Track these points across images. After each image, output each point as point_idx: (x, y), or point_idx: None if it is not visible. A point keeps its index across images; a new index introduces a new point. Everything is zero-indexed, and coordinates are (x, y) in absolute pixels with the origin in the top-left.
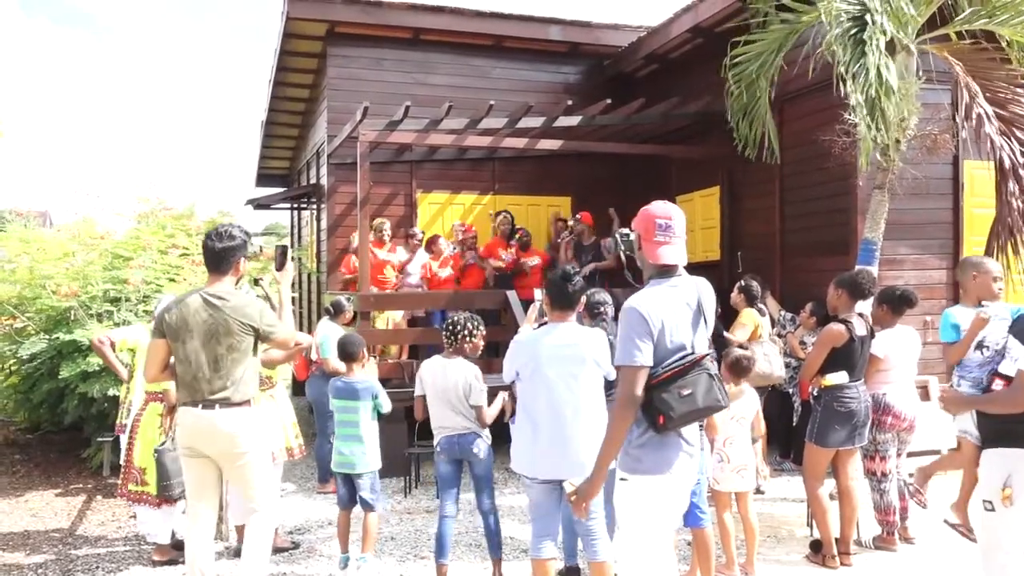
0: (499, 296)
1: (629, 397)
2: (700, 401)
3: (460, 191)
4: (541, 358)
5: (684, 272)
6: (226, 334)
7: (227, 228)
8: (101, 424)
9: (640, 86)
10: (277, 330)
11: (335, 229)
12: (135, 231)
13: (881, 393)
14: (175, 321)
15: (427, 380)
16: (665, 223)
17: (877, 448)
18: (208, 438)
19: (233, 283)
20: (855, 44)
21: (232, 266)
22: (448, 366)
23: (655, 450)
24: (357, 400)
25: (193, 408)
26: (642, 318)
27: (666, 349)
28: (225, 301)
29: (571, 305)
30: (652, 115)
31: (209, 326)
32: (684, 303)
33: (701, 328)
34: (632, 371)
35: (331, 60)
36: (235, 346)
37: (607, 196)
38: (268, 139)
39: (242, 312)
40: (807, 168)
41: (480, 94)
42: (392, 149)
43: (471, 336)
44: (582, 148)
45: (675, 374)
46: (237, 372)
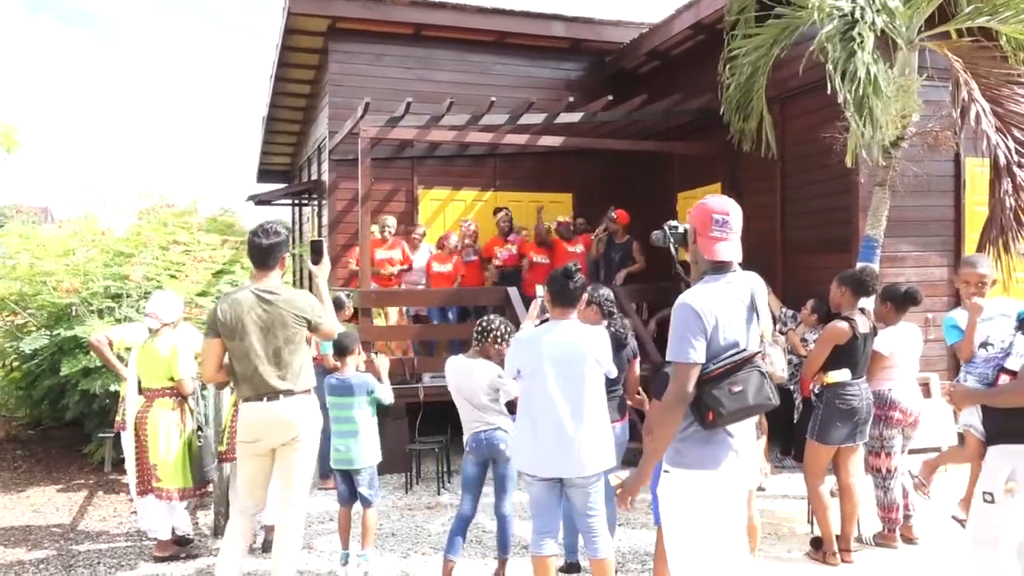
0: (500, 293)
1: (680, 394)
2: (751, 398)
3: (461, 187)
4: (542, 356)
5: (739, 268)
6: (282, 327)
7: (272, 225)
8: (102, 420)
9: (642, 82)
10: (325, 321)
11: (336, 225)
12: (136, 227)
13: (887, 389)
14: (230, 319)
15: (451, 381)
16: (722, 218)
17: (883, 444)
18: (273, 429)
19: (279, 278)
20: (844, 42)
21: (279, 261)
22: (471, 366)
23: (699, 445)
24: (352, 396)
25: (258, 402)
26: (696, 315)
27: (719, 346)
28: (277, 295)
29: (572, 302)
30: (654, 111)
31: (265, 321)
32: (738, 299)
33: (754, 325)
34: (685, 368)
35: (332, 56)
36: (291, 338)
37: (609, 192)
38: (269, 135)
39: (295, 305)
40: (809, 165)
41: (482, 90)
42: (393, 145)
43: (500, 340)
44: (584, 145)
45: (726, 371)
46: (296, 363)
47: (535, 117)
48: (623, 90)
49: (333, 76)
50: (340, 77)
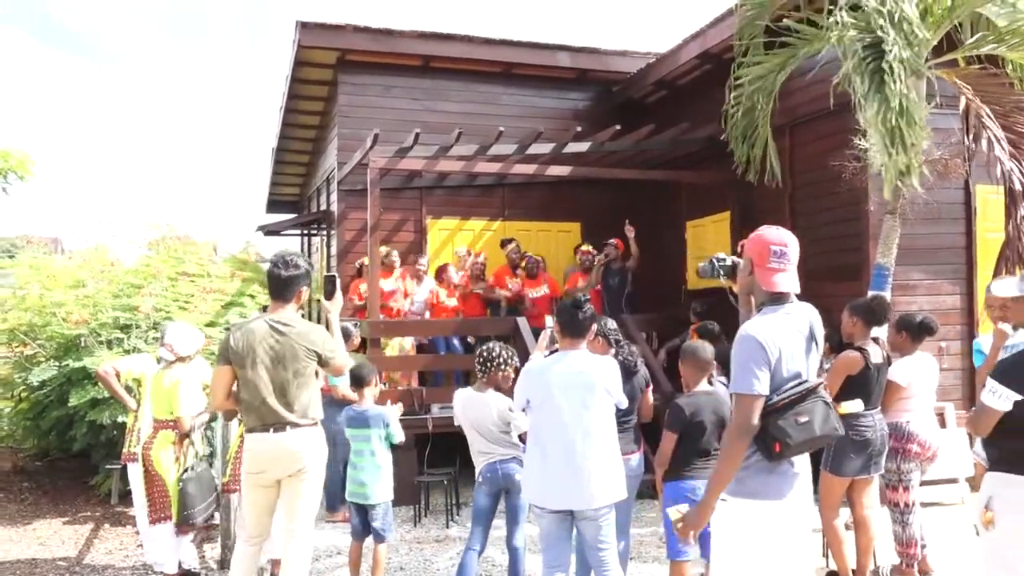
0: (508, 323)
1: (745, 426)
2: (818, 429)
3: (470, 217)
4: (552, 386)
5: (796, 299)
6: (293, 359)
7: (292, 258)
8: (110, 451)
9: (649, 112)
10: (336, 356)
11: (345, 255)
12: (146, 259)
13: (904, 422)
14: (242, 347)
15: (460, 413)
16: (780, 249)
17: (901, 478)
18: (279, 461)
19: (295, 310)
20: (872, 73)
21: (296, 294)
22: (480, 399)
23: (762, 475)
24: (369, 428)
25: (264, 433)
26: (760, 346)
27: (782, 377)
28: (291, 328)
29: (582, 333)
30: (662, 141)
31: (276, 352)
32: (797, 330)
33: (813, 355)
34: (749, 400)
35: (342, 88)
36: (301, 371)
37: (617, 222)
38: (279, 166)
39: (307, 338)
40: (818, 193)
41: (489, 120)
42: (402, 176)
43: (504, 366)
44: (592, 174)
45: (791, 402)
46: (304, 396)
47: (543, 147)
48: (630, 120)
49: (342, 107)
50: (349, 108)
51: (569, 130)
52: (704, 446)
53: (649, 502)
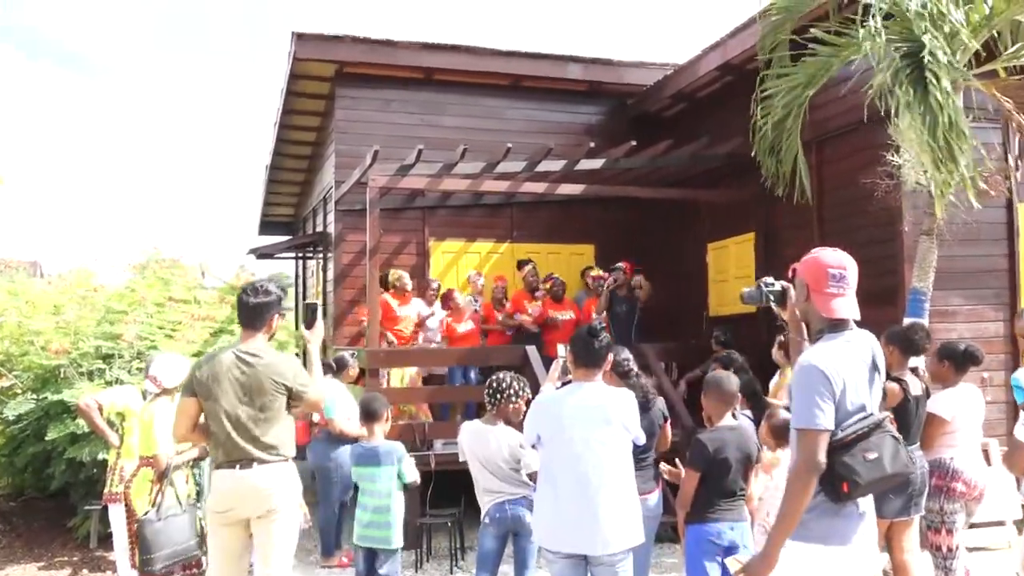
0: (517, 352)
1: (811, 464)
2: (888, 467)
3: (475, 239)
4: (564, 420)
5: (855, 326)
6: (259, 392)
7: (263, 284)
8: (89, 491)
9: (667, 127)
10: (310, 391)
11: (342, 280)
12: (130, 283)
13: (948, 458)
14: (207, 379)
15: (467, 448)
16: (839, 273)
17: (944, 520)
18: (246, 500)
19: (266, 340)
20: (913, 83)
21: (266, 323)
22: (489, 434)
23: (827, 517)
24: (379, 466)
25: (230, 470)
26: (824, 377)
27: (846, 411)
28: (259, 358)
29: (597, 363)
30: (680, 157)
31: (243, 384)
32: (860, 360)
33: (877, 386)
34: (813, 435)
35: (339, 102)
36: (268, 404)
37: (633, 243)
38: (272, 185)
39: (275, 370)
40: (848, 212)
41: (496, 136)
42: (403, 195)
43: (515, 397)
44: (606, 193)
45: (858, 437)
46: (273, 430)
47: (553, 164)
48: (646, 135)
49: (340, 123)
50: (347, 124)
51: (581, 146)
52: (729, 486)
53: (669, 546)
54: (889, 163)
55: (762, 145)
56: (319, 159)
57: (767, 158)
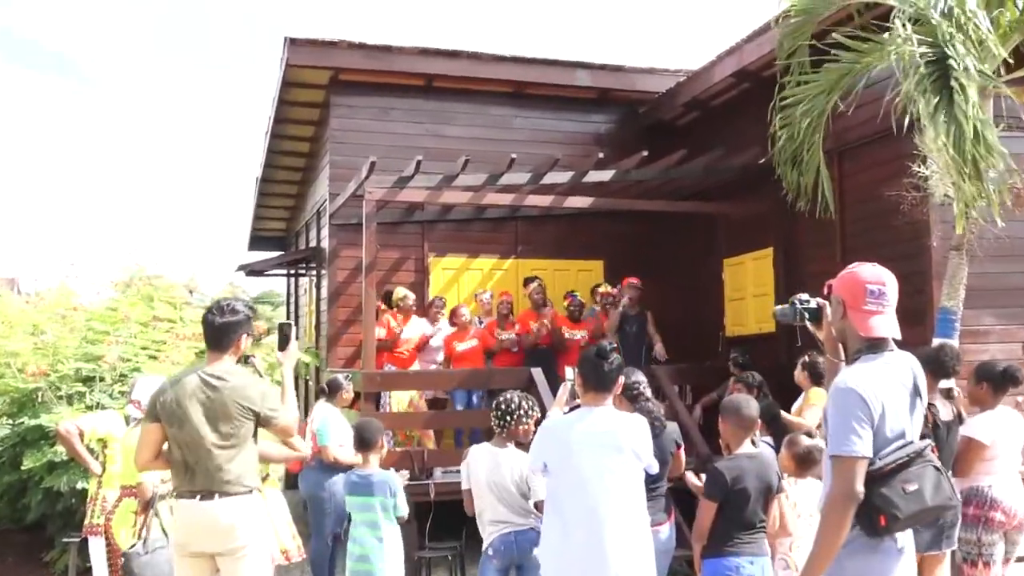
0: (521, 375)
1: (848, 494)
2: (929, 499)
3: (478, 255)
4: (572, 447)
5: (895, 347)
6: (224, 418)
7: (229, 302)
8: (68, 522)
9: (680, 136)
10: (279, 415)
11: (337, 298)
12: (113, 302)
13: (985, 486)
14: (170, 403)
15: (476, 471)
16: (877, 289)
17: (981, 552)
18: (207, 533)
19: (233, 362)
20: (937, 91)
21: (233, 343)
22: (500, 456)
23: (864, 554)
24: (373, 496)
25: (191, 500)
26: (862, 401)
27: (885, 438)
28: (224, 381)
29: (607, 386)
30: (694, 168)
31: (207, 408)
32: (900, 383)
33: (918, 412)
34: (850, 463)
35: (334, 110)
36: (234, 431)
37: (644, 259)
38: (263, 197)
39: (242, 394)
40: (873, 226)
41: (500, 146)
42: (401, 208)
43: (525, 418)
44: (616, 206)
45: (898, 467)
46: (238, 459)
47: (560, 176)
48: (659, 144)
49: (335, 132)
50: (342, 133)
51: (590, 156)
52: (748, 517)
53: None
54: (915, 174)
55: (781, 156)
56: (313, 170)
57: (787, 169)
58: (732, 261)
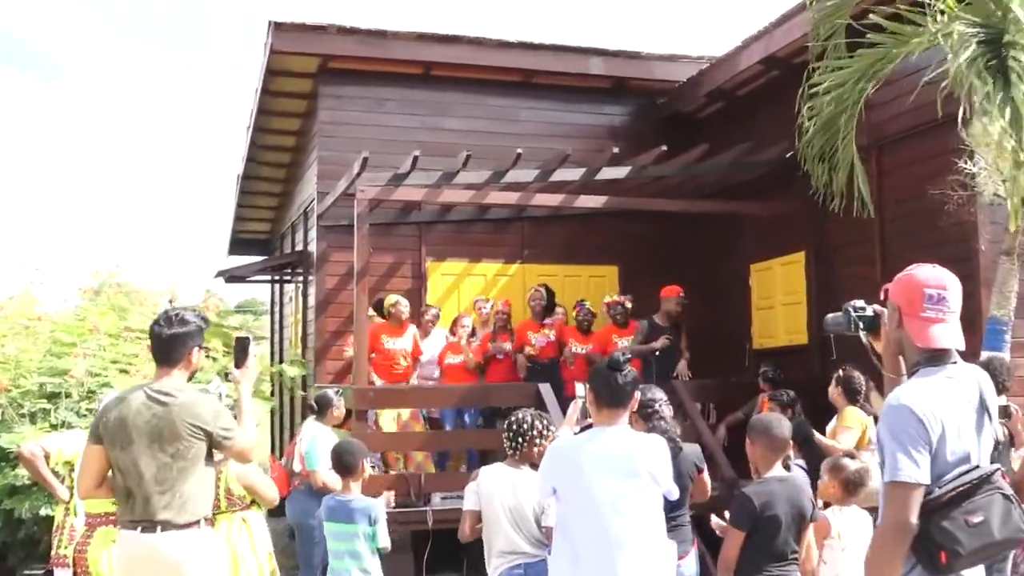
0: (527, 391)
1: (902, 525)
2: (997, 532)
3: (480, 259)
4: (584, 471)
5: (959, 358)
6: (172, 439)
7: (179, 312)
8: (30, 552)
9: (702, 129)
10: (234, 437)
11: (326, 306)
12: (81, 310)
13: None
14: (113, 423)
15: (489, 494)
16: (937, 293)
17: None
18: (150, 569)
19: (184, 378)
20: (993, 72)
21: (184, 357)
22: (518, 479)
23: None
24: (353, 523)
25: (133, 531)
26: (917, 420)
27: (946, 462)
28: (172, 398)
29: (621, 402)
30: (718, 164)
31: (152, 428)
32: (965, 399)
33: (986, 432)
34: (905, 490)
35: (323, 101)
36: (182, 453)
37: (663, 264)
38: (245, 197)
39: (191, 412)
40: (915, 227)
41: (505, 140)
42: (397, 208)
43: (540, 439)
44: (632, 205)
45: (960, 495)
46: (185, 486)
47: (571, 172)
48: (679, 138)
49: (324, 125)
50: (332, 127)
51: (603, 152)
52: (780, 547)
53: None
54: (962, 171)
55: (809, 150)
56: (299, 167)
57: (815, 165)
58: (760, 266)
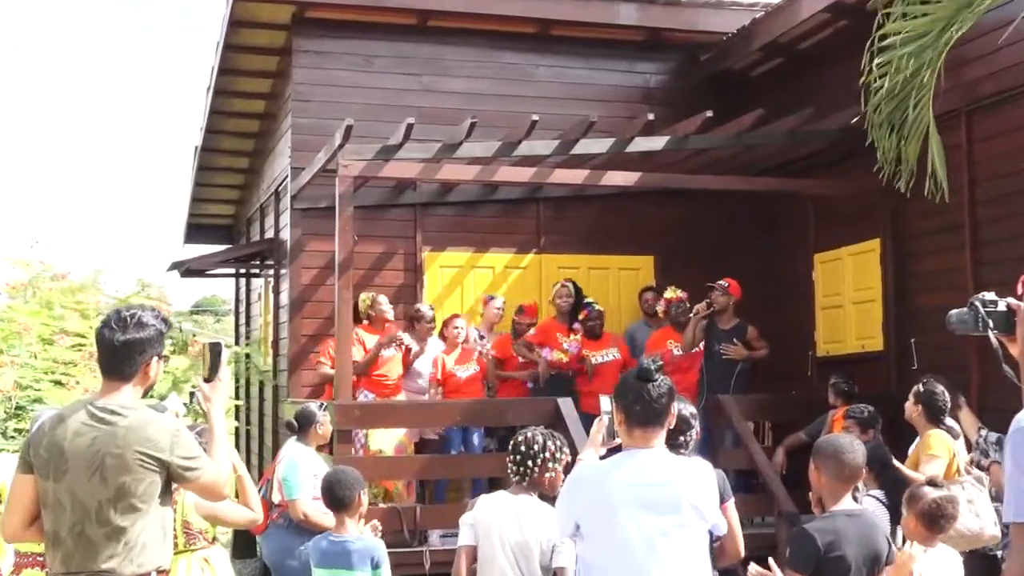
0: (544, 407)
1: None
2: None
3: (487, 248)
4: (614, 503)
5: None
6: (119, 468)
7: (134, 312)
8: None
9: (755, 91)
10: (200, 468)
11: (301, 305)
12: (8, 310)
13: None
14: (47, 447)
15: (487, 527)
16: None
17: None
18: None
19: (138, 394)
20: None
21: (139, 368)
22: (523, 511)
23: None
24: (352, 569)
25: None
26: None
27: None
28: (120, 418)
29: (656, 419)
30: (775, 133)
31: (93, 455)
32: None
33: None
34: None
35: (298, 58)
36: (130, 488)
37: (708, 253)
38: (204, 174)
39: (143, 436)
40: (1015, 210)
41: (518, 105)
42: (387, 188)
43: (553, 462)
44: (670, 183)
45: None
46: (134, 529)
47: (597, 144)
48: (727, 102)
49: (299, 87)
50: (309, 89)
51: (636, 118)
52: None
53: None
54: None
55: (876, 117)
56: (269, 138)
57: (882, 134)
58: (825, 256)
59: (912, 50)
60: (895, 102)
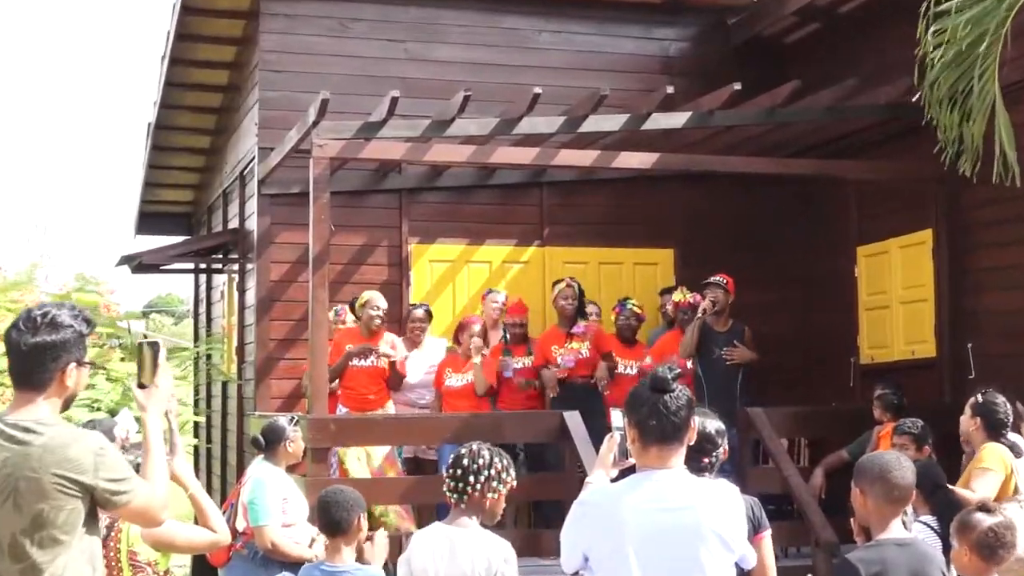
0: (550, 421)
1: None
2: None
3: (483, 240)
4: (626, 532)
5: None
6: (34, 496)
7: (48, 311)
8: None
9: (791, 61)
10: (130, 492)
11: (270, 304)
12: None
13: None
14: None
15: (422, 566)
16: None
17: None
18: None
19: (56, 407)
20: None
21: (53, 378)
22: (457, 541)
23: None
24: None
25: None
26: None
27: None
28: (36, 436)
29: (675, 436)
30: (813, 108)
31: (4, 480)
32: None
33: None
34: None
35: (266, 21)
36: (47, 517)
37: (736, 245)
38: (158, 155)
39: (62, 456)
40: None
41: (517, 76)
42: (369, 171)
43: (497, 482)
44: (694, 166)
45: None
46: (54, 566)
47: (609, 120)
48: (759, 73)
49: (267, 56)
50: (279, 57)
51: (654, 91)
52: None
53: None
54: None
55: (935, 91)
56: (234, 114)
57: (943, 112)
58: (870, 249)
59: (973, 16)
60: (956, 73)
